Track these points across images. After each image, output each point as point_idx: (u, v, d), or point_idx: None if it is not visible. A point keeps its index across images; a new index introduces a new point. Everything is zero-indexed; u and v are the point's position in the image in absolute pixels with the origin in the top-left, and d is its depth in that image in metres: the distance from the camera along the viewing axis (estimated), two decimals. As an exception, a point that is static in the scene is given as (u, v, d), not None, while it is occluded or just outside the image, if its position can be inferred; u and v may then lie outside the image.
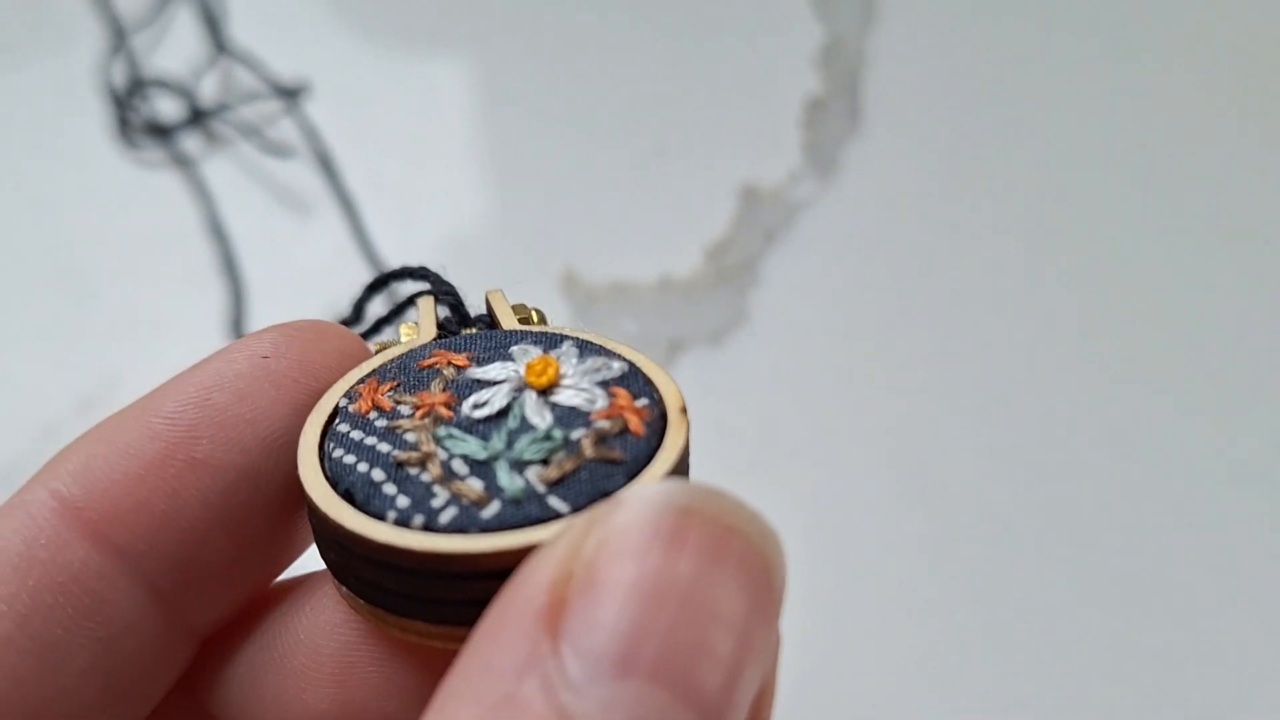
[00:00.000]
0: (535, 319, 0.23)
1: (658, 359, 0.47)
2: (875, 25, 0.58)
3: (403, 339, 0.22)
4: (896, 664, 0.42)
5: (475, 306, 0.24)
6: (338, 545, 0.18)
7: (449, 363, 0.20)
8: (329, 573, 0.19)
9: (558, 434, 0.18)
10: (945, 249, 0.51)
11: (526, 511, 0.17)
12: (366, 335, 0.24)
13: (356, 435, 0.19)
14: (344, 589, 0.19)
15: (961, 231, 0.52)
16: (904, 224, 0.52)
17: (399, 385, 0.19)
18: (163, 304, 0.49)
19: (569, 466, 0.18)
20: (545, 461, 0.18)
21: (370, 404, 0.19)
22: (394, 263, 0.47)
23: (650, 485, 0.15)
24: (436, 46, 0.58)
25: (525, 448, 0.18)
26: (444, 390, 0.19)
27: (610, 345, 0.21)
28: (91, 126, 0.55)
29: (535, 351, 0.20)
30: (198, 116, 0.54)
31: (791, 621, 0.42)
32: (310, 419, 0.20)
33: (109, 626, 0.18)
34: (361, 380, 0.20)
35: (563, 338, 0.21)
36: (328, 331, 0.21)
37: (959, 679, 0.41)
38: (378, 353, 0.22)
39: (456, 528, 0.17)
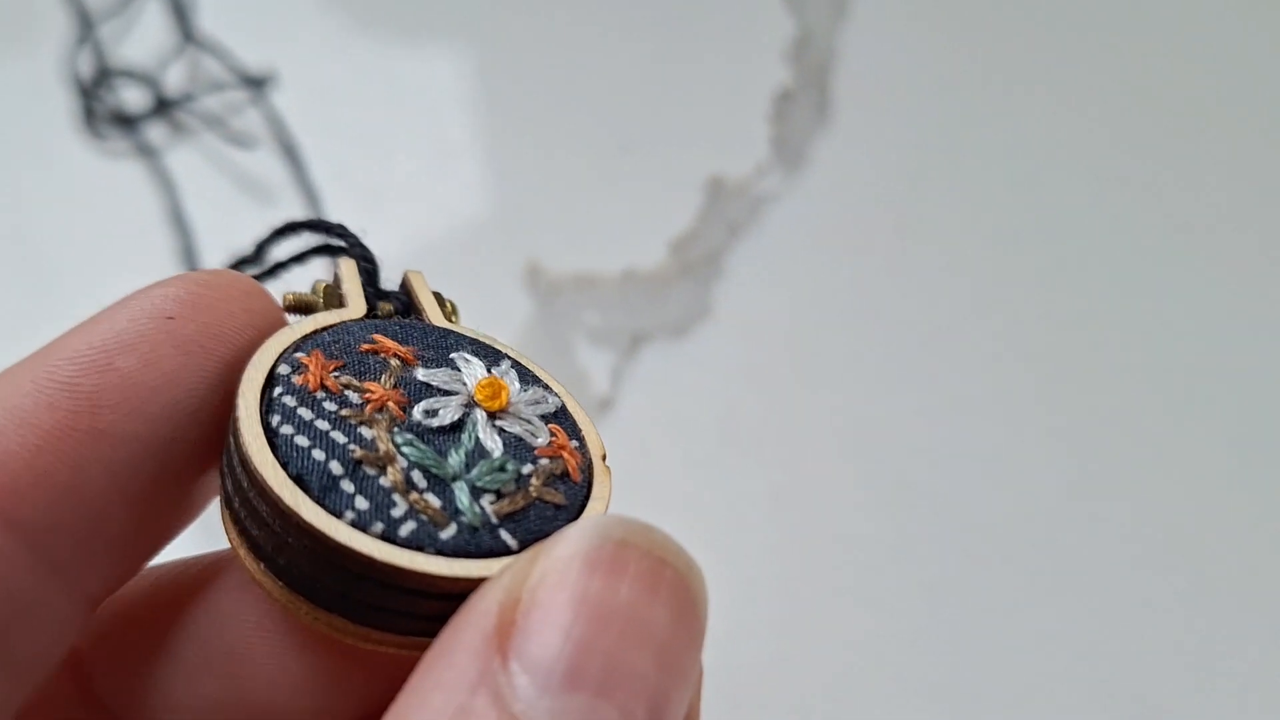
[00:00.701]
0: (450, 308, 0.23)
1: (621, 351, 0.47)
2: (845, 19, 0.58)
3: (320, 288, 0.22)
4: (854, 653, 0.42)
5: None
6: (277, 531, 0.18)
7: (394, 354, 0.20)
8: (238, 548, 0.19)
9: (510, 467, 0.18)
10: (911, 244, 0.51)
11: (480, 541, 0.18)
12: (262, 277, 0.23)
13: (305, 414, 0.18)
14: (260, 567, 0.18)
15: (928, 226, 0.52)
16: (870, 218, 0.52)
17: (345, 367, 0.19)
18: (125, 294, 0.49)
19: (520, 503, 0.18)
20: (499, 494, 0.18)
21: (318, 381, 0.19)
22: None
23: (587, 519, 0.17)
24: (403, 40, 0.58)
25: (482, 475, 0.18)
26: (394, 386, 0.19)
27: (539, 373, 0.21)
28: (57, 116, 0.55)
29: (479, 367, 0.20)
30: (163, 106, 0.54)
31: (752, 610, 0.42)
32: (247, 378, 0.19)
33: (9, 605, 0.17)
34: (301, 349, 0.19)
35: (500, 355, 0.21)
36: (233, 289, 0.19)
37: (916, 668, 0.41)
38: (288, 307, 0.21)
39: (415, 543, 0.17)
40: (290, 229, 0.23)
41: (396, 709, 0.15)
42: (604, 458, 0.20)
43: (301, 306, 0.21)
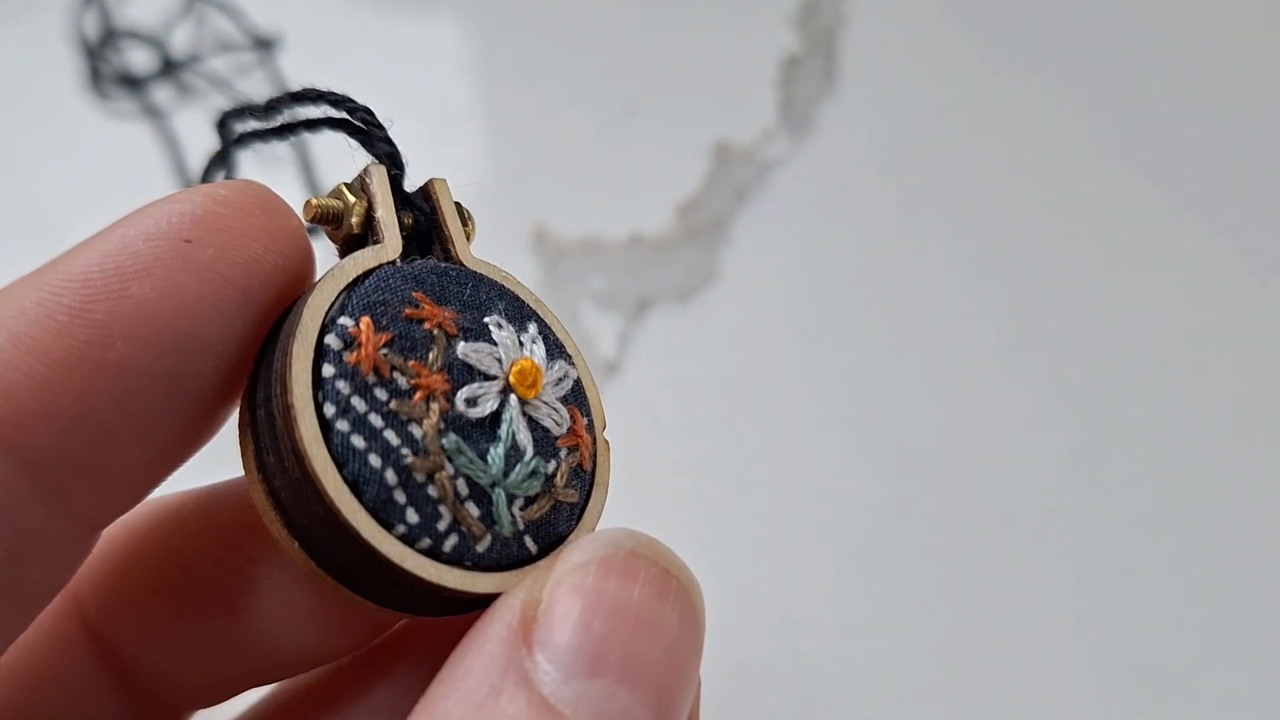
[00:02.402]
0: (465, 215, 0.22)
1: (627, 316, 0.47)
2: (854, -17, 0.58)
3: (350, 201, 0.20)
4: (856, 616, 0.42)
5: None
6: (325, 528, 0.18)
7: (439, 324, 0.19)
8: (269, 519, 0.18)
9: (541, 469, 0.19)
10: (917, 210, 0.51)
11: (510, 551, 0.19)
12: (265, 135, 0.21)
13: (359, 405, 0.18)
14: (295, 545, 0.18)
15: (934, 192, 0.52)
16: (877, 184, 0.52)
17: (393, 341, 0.19)
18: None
19: (545, 507, 0.19)
20: (528, 500, 0.19)
21: (370, 363, 0.18)
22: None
23: (602, 532, 0.18)
24: (407, 2, 0.58)
25: (518, 481, 0.19)
26: (441, 369, 0.19)
27: (556, 330, 0.21)
28: (63, 77, 0.54)
29: (511, 336, 0.20)
30: (169, 68, 0.54)
31: (755, 574, 0.43)
32: (296, 354, 0.18)
33: (14, 537, 0.17)
34: (347, 310, 0.19)
35: (527, 314, 0.21)
36: (254, 207, 0.18)
37: (918, 633, 0.42)
38: (311, 218, 0.20)
39: (455, 558, 0.18)
40: (309, 97, 0.21)
41: (430, 695, 0.16)
42: (603, 428, 0.21)
43: (326, 216, 0.21)
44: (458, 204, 0.22)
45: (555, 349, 0.21)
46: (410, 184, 0.22)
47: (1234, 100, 0.54)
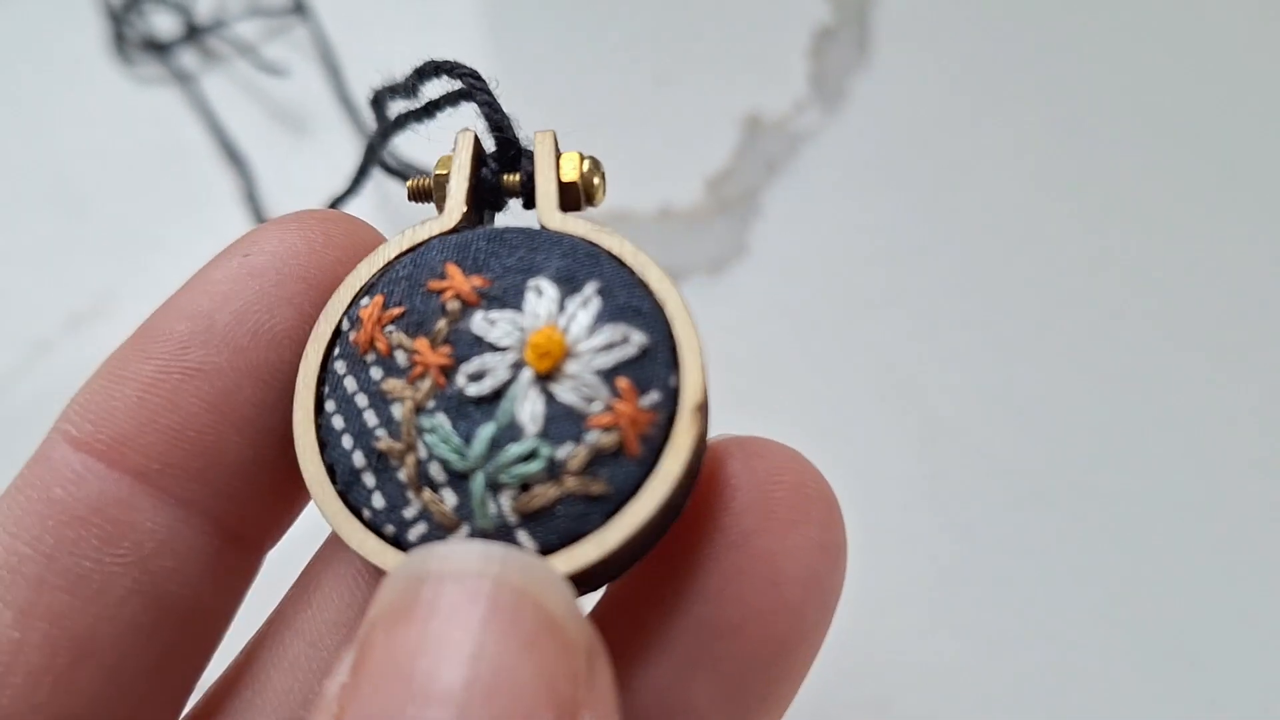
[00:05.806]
0: (587, 170, 0.21)
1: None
2: (887, -47, 0.57)
3: (435, 175, 0.21)
4: (885, 594, 0.42)
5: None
6: None
7: (457, 294, 0.18)
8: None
9: (544, 453, 0.17)
10: (951, 183, 0.51)
11: None
12: (416, 115, 0.22)
13: (349, 385, 0.18)
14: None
15: (968, 165, 0.51)
16: (910, 157, 0.51)
17: (404, 316, 0.18)
18: (157, 220, 0.49)
19: (549, 497, 0.17)
20: (524, 487, 0.17)
21: (369, 339, 0.18)
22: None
23: (400, 566, 0.15)
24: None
25: (504, 467, 0.17)
26: (445, 342, 0.18)
27: (653, 283, 0.18)
28: (88, 42, 0.54)
29: (549, 304, 0.18)
30: (194, 33, 0.53)
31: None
32: (314, 334, 0.18)
33: (140, 549, 0.18)
34: (373, 289, 0.19)
35: (590, 272, 0.18)
36: (310, 219, 0.20)
37: (951, 610, 0.41)
38: (410, 195, 0.20)
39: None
40: (432, 71, 0.22)
41: None
42: (700, 407, 0.18)
43: (419, 193, 0.21)
44: (586, 158, 0.21)
45: (620, 311, 0.18)
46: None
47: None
